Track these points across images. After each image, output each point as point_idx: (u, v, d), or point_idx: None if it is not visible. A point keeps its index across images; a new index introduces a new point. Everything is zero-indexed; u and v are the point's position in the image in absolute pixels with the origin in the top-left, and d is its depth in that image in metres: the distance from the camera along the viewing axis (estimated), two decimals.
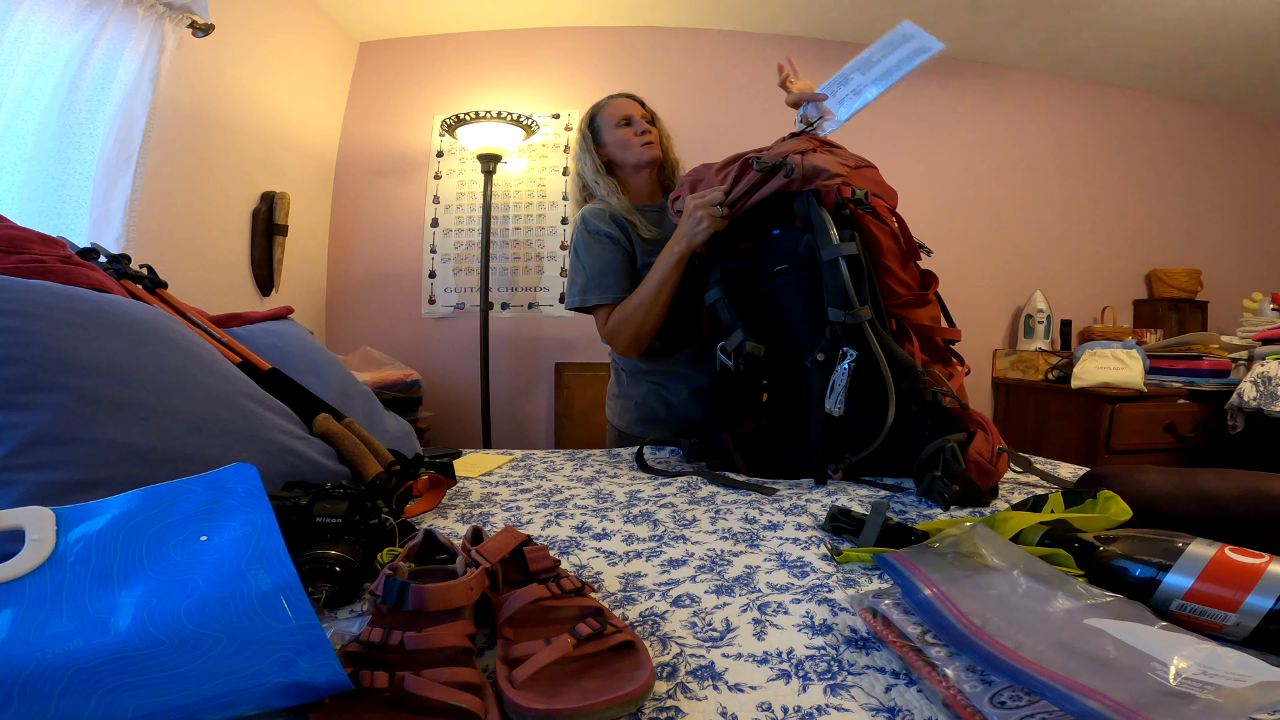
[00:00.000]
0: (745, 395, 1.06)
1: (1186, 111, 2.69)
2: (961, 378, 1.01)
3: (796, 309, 0.99)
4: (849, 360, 0.87)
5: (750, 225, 1.06)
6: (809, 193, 0.95)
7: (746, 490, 0.89)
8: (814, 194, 0.95)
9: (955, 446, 0.81)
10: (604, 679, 0.38)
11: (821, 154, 0.99)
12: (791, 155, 0.96)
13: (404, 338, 2.46)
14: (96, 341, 0.61)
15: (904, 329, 0.98)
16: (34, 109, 1.29)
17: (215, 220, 1.87)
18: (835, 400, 0.88)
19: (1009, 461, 0.87)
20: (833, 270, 0.90)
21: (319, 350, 1.09)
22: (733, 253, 1.09)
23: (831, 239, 0.91)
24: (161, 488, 0.41)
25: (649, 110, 1.37)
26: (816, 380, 0.91)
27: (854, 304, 0.88)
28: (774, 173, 0.97)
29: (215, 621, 0.32)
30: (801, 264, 0.97)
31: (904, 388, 0.89)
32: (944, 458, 0.80)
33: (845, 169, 0.97)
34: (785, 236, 1.01)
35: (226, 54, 1.82)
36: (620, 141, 1.31)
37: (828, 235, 0.91)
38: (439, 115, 2.43)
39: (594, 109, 1.37)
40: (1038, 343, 2.45)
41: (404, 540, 0.61)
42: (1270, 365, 1.78)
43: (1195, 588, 0.43)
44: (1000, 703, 0.33)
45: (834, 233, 0.91)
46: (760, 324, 1.05)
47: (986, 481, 0.82)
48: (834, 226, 0.92)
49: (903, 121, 2.52)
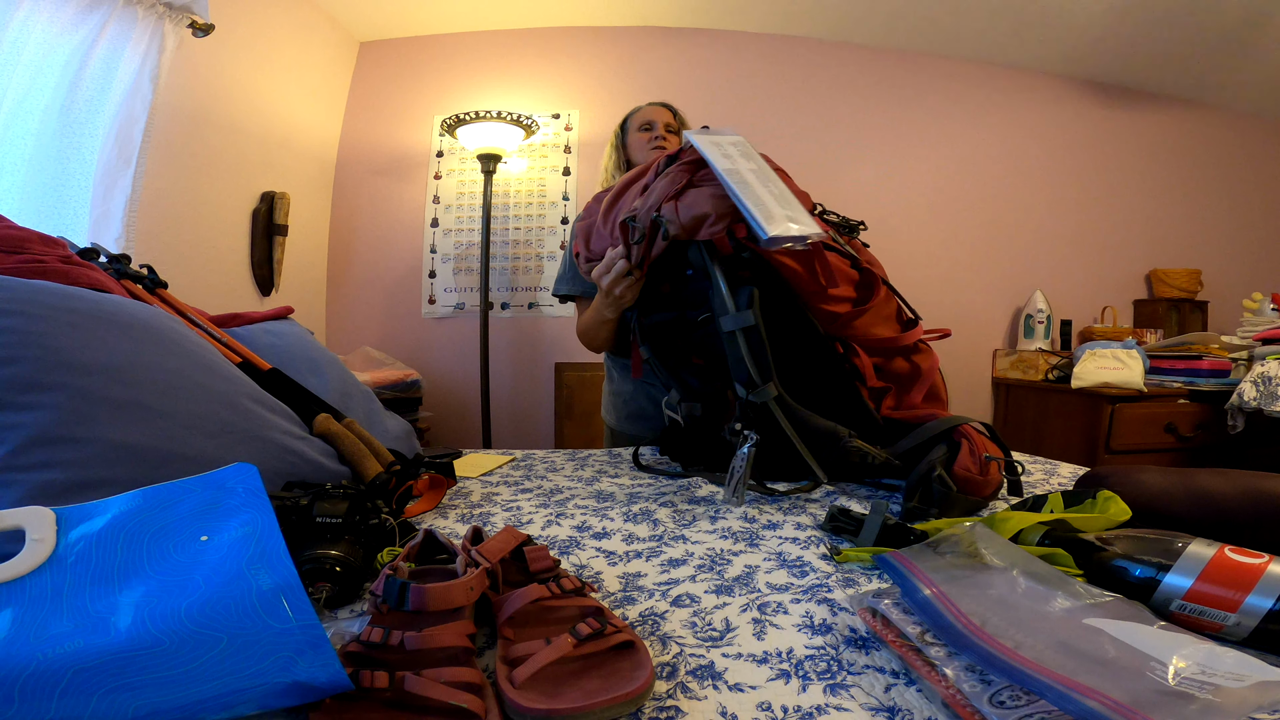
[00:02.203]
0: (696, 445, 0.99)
1: (1187, 111, 2.69)
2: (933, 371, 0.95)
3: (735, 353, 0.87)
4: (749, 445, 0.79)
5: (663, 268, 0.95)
6: (699, 243, 0.84)
7: (746, 490, 0.89)
8: (705, 245, 0.83)
9: (942, 473, 0.76)
10: (604, 679, 0.38)
11: (699, 188, 0.84)
12: (665, 205, 0.84)
13: (404, 338, 2.46)
14: (96, 341, 0.61)
15: (850, 346, 0.91)
16: (34, 109, 1.29)
17: (215, 220, 1.87)
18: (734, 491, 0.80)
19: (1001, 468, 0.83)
20: (731, 343, 0.81)
21: (319, 350, 1.09)
22: (654, 298, 0.98)
23: (728, 308, 0.80)
24: (162, 488, 0.41)
25: (678, 121, 1.43)
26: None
27: (756, 382, 0.80)
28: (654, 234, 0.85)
29: (216, 621, 0.32)
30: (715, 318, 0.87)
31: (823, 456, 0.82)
32: (932, 484, 0.75)
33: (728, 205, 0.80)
34: (698, 277, 0.89)
35: (226, 54, 1.82)
36: (636, 144, 1.39)
37: (724, 303, 0.81)
38: (439, 115, 2.43)
39: (631, 111, 1.45)
40: (1038, 343, 2.45)
41: (404, 540, 0.61)
42: (1270, 365, 1.78)
43: (1195, 588, 0.43)
44: (999, 702, 0.33)
45: (729, 302, 0.81)
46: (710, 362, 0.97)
47: (981, 492, 0.79)
48: (729, 291, 0.81)
49: (902, 122, 2.52)
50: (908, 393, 0.94)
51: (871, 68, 2.52)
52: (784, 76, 2.49)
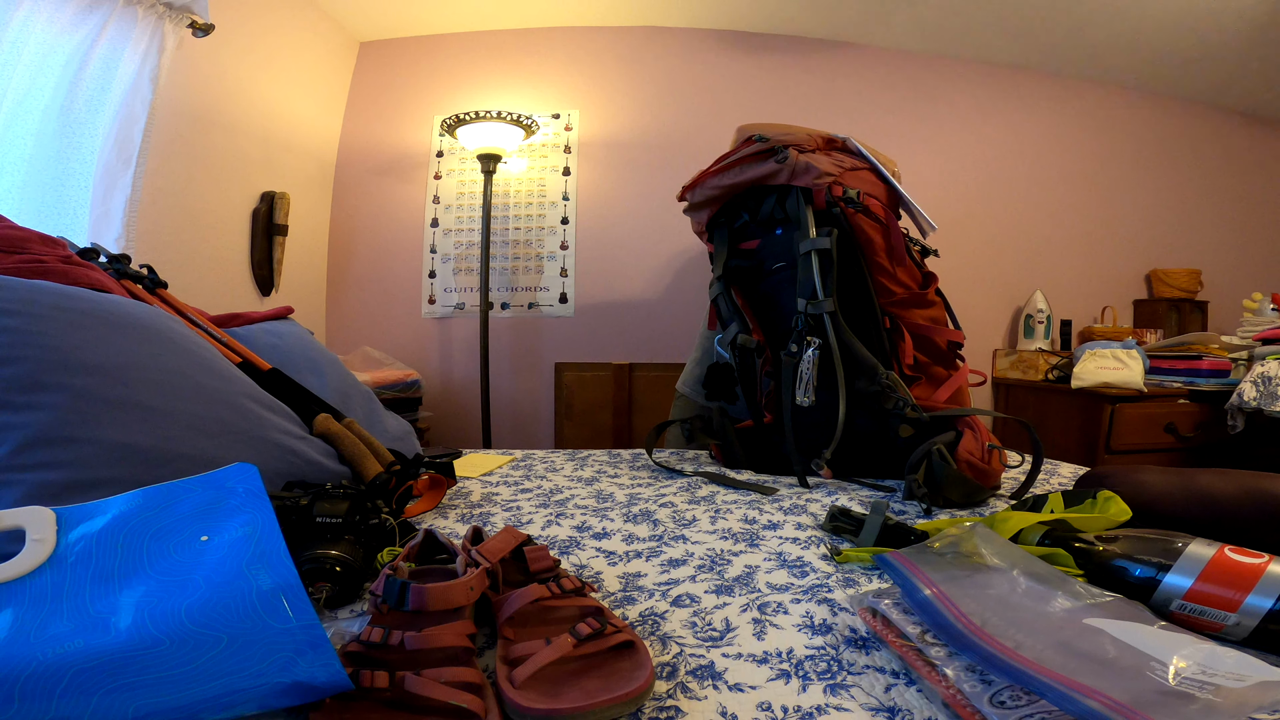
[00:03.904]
0: (740, 386, 1.08)
1: (1187, 111, 2.69)
2: (963, 378, 1.01)
3: (790, 305, 1.00)
4: (813, 349, 0.89)
5: (758, 225, 1.08)
6: (798, 191, 0.98)
7: (746, 490, 0.89)
8: (804, 192, 0.97)
9: (943, 448, 0.81)
10: (604, 679, 0.38)
11: (820, 155, 1.00)
12: (792, 147, 0.99)
13: (404, 338, 2.46)
14: (96, 341, 0.61)
15: (898, 327, 0.98)
16: (34, 109, 1.29)
17: (215, 220, 1.87)
18: (804, 391, 0.90)
19: (1003, 458, 0.87)
20: (805, 263, 0.94)
21: (319, 350, 1.09)
22: (737, 252, 1.11)
23: (809, 233, 0.94)
24: (162, 488, 0.41)
25: None
26: (786, 373, 0.93)
27: (818, 295, 0.91)
28: (770, 154, 1.00)
29: (216, 621, 0.32)
30: (796, 262, 0.98)
31: (859, 387, 0.90)
32: (929, 461, 0.80)
33: (839, 169, 0.98)
34: (785, 237, 1.03)
35: (226, 54, 1.82)
36: None
37: (806, 230, 0.94)
38: (439, 115, 2.43)
39: None
40: (1038, 343, 2.45)
41: (404, 540, 0.61)
42: (1270, 365, 1.78)
43: (1195, 588, 0.43)
44: (1000, 702, 0.33)
45: (812, 229, 0.94)
46: (762, 319, 1.06)
47: (985, 480, 0.81)
48: (814, 223, 0.95)
49: (902, 122, 2.52)
50: (935, 389, 0.99)
51: (871, 68, 2.52)
52: (783, 77, 2.49)
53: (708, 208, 1.14)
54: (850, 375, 0.90)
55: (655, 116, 2.45)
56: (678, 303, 2.40)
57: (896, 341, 0.98)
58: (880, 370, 0.90)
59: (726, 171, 1.05)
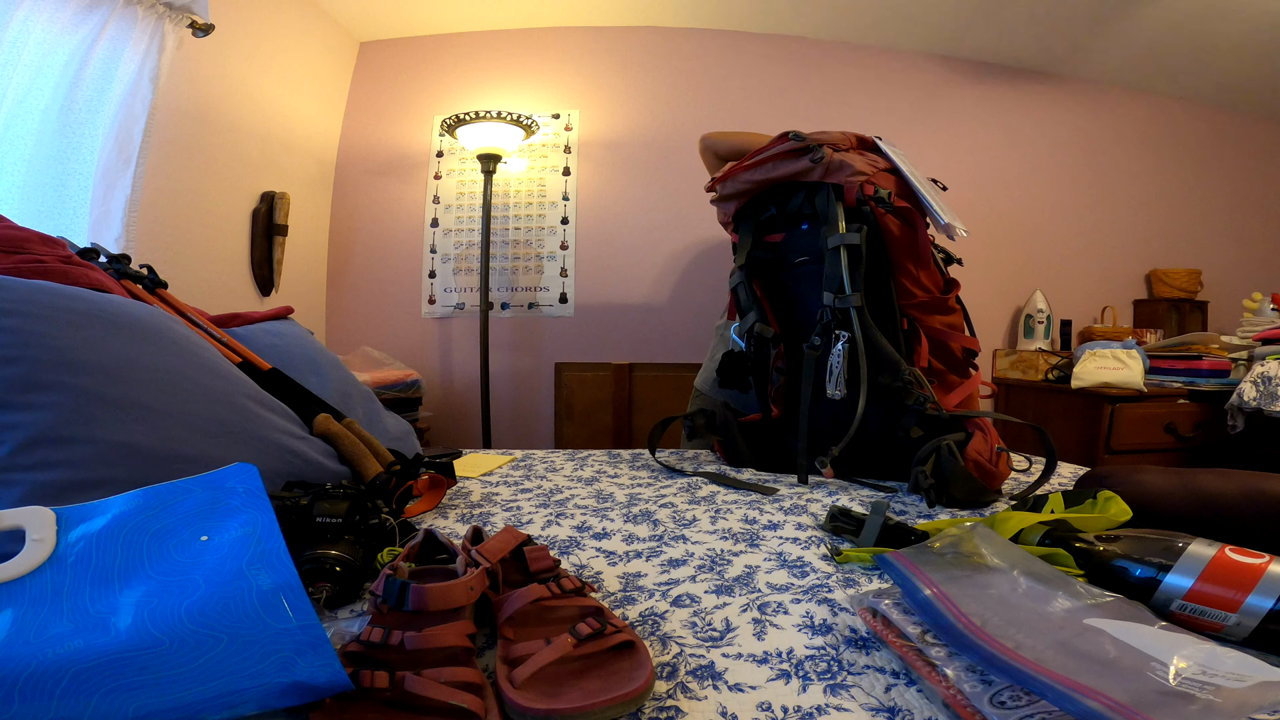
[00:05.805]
0: (754, 375, 1.09)
1: (1187, 111, 2.69)
2: (974, 386, 1.02)
3: (811, 299, 1.01)
4: (842, 342, 0.90)
5: (784, 219, 1.09)
6: (830, 188, 0.98)
7: (747, 490, 0.89)
8: (835, 189, 0.98)
9: (952, 445, 0.82)
10: (604, 679, 0.38)
11: (853, 155, 1.02)
12: (826, 146, 1.00)
13: (404, 338, 2.46)
14: (96, 341, 0.61)
15: (915, 330, 0.99)
16: (34, 109, 1.29)
17: (215, 220, 1.87)
18: (835, 384, 0.90)
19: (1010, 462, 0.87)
20: (834, 257, 0.94)
21: (319, 350, 1.09)
22: (760, 244, 1.13)
23: (839, 229, 0.94)
24: (162, 488, 0.41)
25: None
26: (808, 367, 0.93)
27: (845, 289, 0.92)
28: (804, 152, 1.00)
29: (216, 621, 0.32)
30: (820, 257, 0.99)
31: (882, 382, 0.90)
32: (938, 455, 0.81)
33: (873, 169, 0.99)
34: (811, 232, 1.04)
35: (226, 54, 1.82)
36: None
37: (835, 226, 0.95)
38: (439, 115, 2.43)
39: None
40: (1038, 343, 2.45)
41: (404, 540, 0.61)
42: (1270, 365, 1.78)
43: (1195, 588, 0.43)
44: (1000, 702, 0.33)
45: (842, 224, 0.95)
46: (779, 312, 1.07)
47: (990, 482, 0.82)
48: (844, 219, 0.95)
49: (903, 123, 2.52)
50: (946, 394, 0.99)
51: (871, 68, 2.52)
52: (784, 77, 2.49)
53: (736, 200, 1.14)
54: (873, 370, 0.90)
55: (655, 116, 2.45)
56: (678, 303, 2.40)
57: (913, 343, 0.98)
58: (904, 365, 0.91)
59: (759, 167, 1.06)
